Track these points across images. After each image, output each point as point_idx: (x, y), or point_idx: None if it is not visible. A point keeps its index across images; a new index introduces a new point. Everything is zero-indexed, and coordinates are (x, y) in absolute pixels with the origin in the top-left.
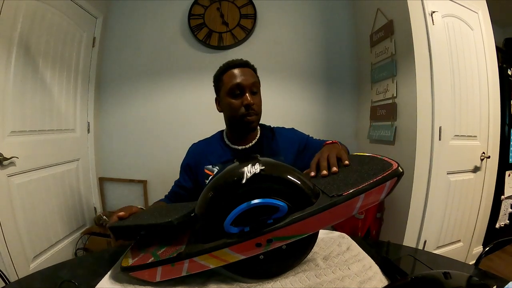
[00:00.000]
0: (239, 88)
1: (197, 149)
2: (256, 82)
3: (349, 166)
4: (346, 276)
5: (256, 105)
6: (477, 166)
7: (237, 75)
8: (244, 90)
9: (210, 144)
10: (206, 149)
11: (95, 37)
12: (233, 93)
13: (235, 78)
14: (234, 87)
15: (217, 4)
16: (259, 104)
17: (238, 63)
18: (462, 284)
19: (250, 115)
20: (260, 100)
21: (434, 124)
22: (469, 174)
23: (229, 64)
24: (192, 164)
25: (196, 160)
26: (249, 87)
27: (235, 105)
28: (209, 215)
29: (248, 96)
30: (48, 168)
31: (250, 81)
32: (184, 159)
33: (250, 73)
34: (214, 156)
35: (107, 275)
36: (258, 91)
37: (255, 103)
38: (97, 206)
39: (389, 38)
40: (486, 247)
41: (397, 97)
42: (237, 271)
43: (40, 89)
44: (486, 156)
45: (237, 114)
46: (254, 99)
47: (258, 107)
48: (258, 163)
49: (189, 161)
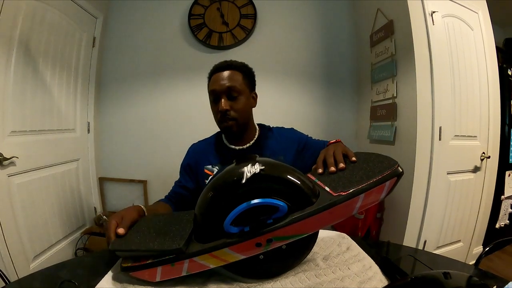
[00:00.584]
0: (213, 94)
1: (196, 149)
2: (235, 86)
3: (356, 163)
4: (346, 276)
5: (234, 110)
6: (477, 166)
7: (215, 81)
8: (219, 96)
9: (209, 144)
10: (206, 149)
11: (95, 37)
12: (211, 98)
13: (212, 84)
14: (210, 93)
15: (217, 4)
16: (237, 108)
17: (220, 66)
18: (462, 284)
19: (226, 121)
20: (243, 103)
21: (434, 124)
22: (469, 174)
23: (213, 68)
24: (193, 164)
25: (196, 160)
26: (225, 93)
27: (213, 111)
28: (209, 215)
29: (223, 103)
30: (48, 168)
31: (225, 86)
32: (184, 159)
33: (230, 76)
34: (213, 156)
35: (107, 275)
36: (240, 94)
37: (233, 109)
38: (97, 206)
39: (389, 38)
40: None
41: (397, 97)
42: (237, 271)
43: (40, 89)
44: (486, 156)
45: (216, 120)
46: (233, 104)
47: (237, 112)
48: (258, 163)
49: (189, 161)
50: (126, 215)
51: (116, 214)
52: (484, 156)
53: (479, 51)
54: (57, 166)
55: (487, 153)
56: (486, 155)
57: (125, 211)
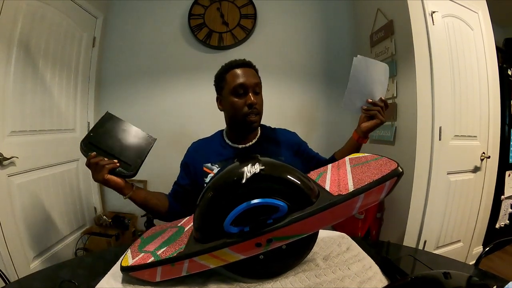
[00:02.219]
0: (243, 87)
1: (197, 147)
2: (259, 83)
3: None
4: (346, 276)
5: (259, 105)
6: (477, 166)
7: (241, 75)
8: (248, 90)
9: (210, 143)
10: (206, 147)
11: (95, 37)
12: (236, 92)
13: (239, 78)
14: (237, 87)
15: (217, 4)
16: (261, 104)
17: (241, 63)
18: (462, 284)
19: (253, 115)
20: (262, 101)
21: (434, 124)
22: (469, 174)
23: (232, 63)
24: (191, 162)
25: (195, 159)
26: (252, 87)
27: (238, 104)
28: (209, 215)
29: (252, 96)
30: (48, 168)
31: (253, 81)
32: (183, 158)
33: (253, 73)
34: (214, 154)
35: (107, 275)
36: (260, 92)
37: (258, 103)
38: (97, 206)
39: (389, 38)
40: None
41: (397, 97)
42: (237, 271)
43: (40, 89)
44: (486, 156)
45: (240, 113)
46: (257, 99)
47: (260, 107)
48: (258, 163)
49: (188, 159)
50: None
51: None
52: (484, 156)
53: (479, 51)
54: (57, 166)
55: (487, 153)
56: (486, 155)
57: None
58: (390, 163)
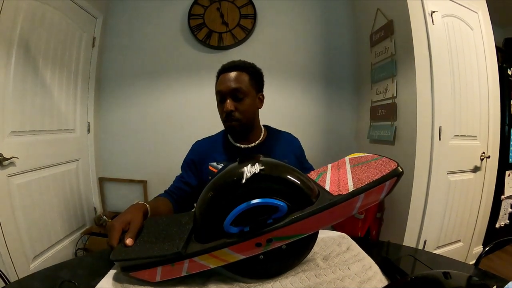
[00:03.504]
0: (220, 95)
1: (201, 146)
2: (240, 88)
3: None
4: (346, 276)
5: (239, 112)
6: (477, 166)
7: (221, 82)
8: (225, 97)
9: (215, 142)
10: (211, 146)
11: (95, 37)
12: (217, 98)
13: (219, 85)
14: (217, 93)
15: (217, 4)
16: (242, 110)
17: (227, 66)
18: (462, 284)
19: (230, 121)
20: (247, 105)
21: (434, 124)
22: (469, 174)
23: (221, 68)
24: (197, 160)
25: (201, 157)
26: (230, 94)
27: (219, 110)
28: (209, 215)
29: (228, 104)
30: (48, 168)
31: (231, 87)
32: (187, 155)
33: (237, 77)
34: (218, 153)
35: (107, 275)
36: (245, 96)
37: (238, 110)
38: (97, 206)
39: (389, 38)
40: (486, 247)
41: (397, 97)
42: (237, 271)
43: (40, 89)
44: (486, 156)
45: (222, 119)
46: (238, 105)
47: (241, 113)
48: (258, 163)
49: (194, 157)
50: (133, 221)
51: (122, 219)
52: (484, 156)
53: (479, 51)
54: (57, 166)
55: (487, 153)
56: (486, 155)
57: (131, 214)
58: (390, 163)
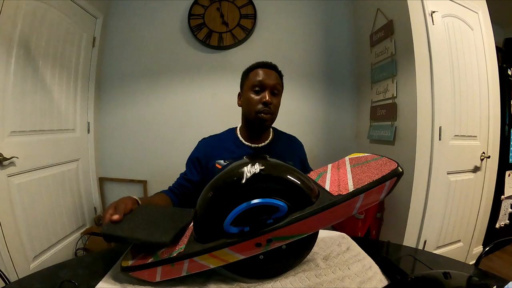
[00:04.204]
0: (261, 85)
1: (208, 144)
2: (279, 84)
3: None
4: (346, 276)
5: (274, 106)
6: (477, 166)
7: (262, 74)
8: (265, 88)
9: (222, 140)
10: (218, 144)
11: (95, 37)
12: (254, 89)
13: (259, 76)
14: (256, 84)
15: (217, 4)
16: (276, 106)
17: (267, 64)
18: (462, 284)
19: (265, 113)
20: (279, 103)
21: (434, 124)
22: (469, 174)
23: (259, 63)
24: (202, 158)
25: (207, 154)
26: (271, 87)
27: (254, 100)
28: (209, 215)
29: (267, 95)
30: (48, 168)
31: (273, 82)
32: (193, 152)
33: (275, 76)
34: (226, 151)
35: (107, 275)
36: (279, 94)
37: (273, 103)
38: (97, 206)
39: (389, 38)
40: (486, 247)
41: (397, 97)
42: (237, 271)
43: (40, 89)
44: (486, 156)
45: (254, 109)
46: (273, 99)
47: (275, 108)
48: (258, 163)
49: (199, 154)
50: (121, 203)
51: (113, 203)
52: (484, 156)
53: (479, 51)
54: (57, 166)
55: (487, 153)
56: (486, 155)
57: (121, 200)
58: (390, 163)
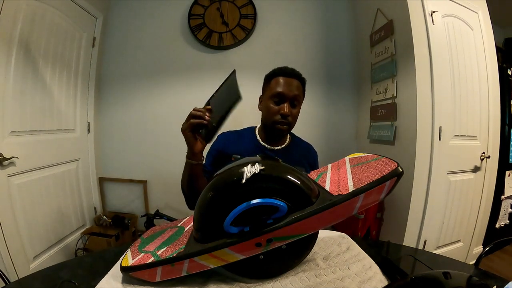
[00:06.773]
0: (281, 96)
1: (228, 137)
2: (299, 95)
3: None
4: (346, 276)
5: (292, 117)
6: (477, 166)
7: (283, 84)
8: (285, 100)
9: (241, 136)
10: (238, 140)
11: (95, 37)
12: (274, 98)
13: (280, 87)
14: (276, 94)
15: (217, 4)
16: (295, 117)
17: (290, 72)
18: (462, 284)
19: (282, 124)
20: (298, 112)
21: (434, 124)
22: (469, 174)
23: (282, 70)
24: (222, 149)
25: (226, 147)
26: (290, 99)
27: (272, 110)
28: (209, 215)
29: (286, 107)
30: (48, 168)
31: (293, 93)
32: (213, 144)
33: (297, 85)
34: (245, 149)
35: (107, 275)
36: (299, 104)
37: (291, 115)
38: (97, 206)
39: (389, 38)
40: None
41: (397, 97)
42: (237, 271)
43: (40, 89)
44: (486, 156)
45: (272, 119)
46: (292, 111)
47: (293, 119)
48: (258, 163)
49: (220, 146)
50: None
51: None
52: (484, 156)
53: (479, 51)
54: (57, 166)
55: (487, 153)
56: (486, 155)
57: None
58: (390, 163)
